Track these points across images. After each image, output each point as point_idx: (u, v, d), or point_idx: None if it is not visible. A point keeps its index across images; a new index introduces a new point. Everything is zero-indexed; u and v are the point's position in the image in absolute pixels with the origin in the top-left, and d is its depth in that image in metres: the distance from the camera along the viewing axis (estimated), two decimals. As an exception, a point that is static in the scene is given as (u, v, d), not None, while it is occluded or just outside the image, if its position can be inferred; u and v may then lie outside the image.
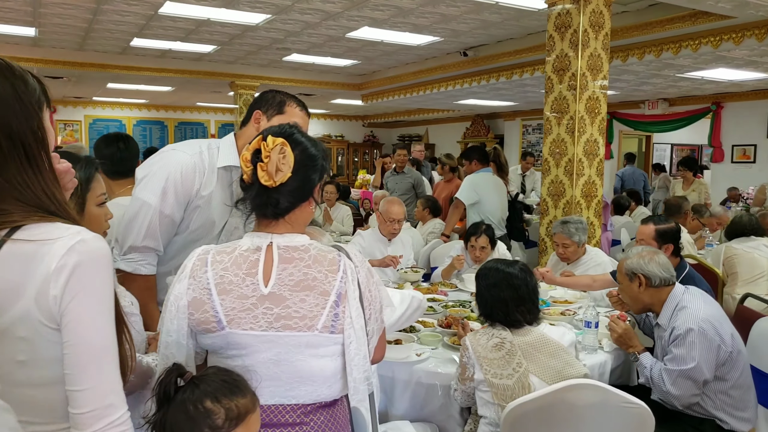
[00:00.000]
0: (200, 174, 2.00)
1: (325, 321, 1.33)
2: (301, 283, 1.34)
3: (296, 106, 2.11)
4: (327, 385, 1.37)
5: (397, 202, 4.04)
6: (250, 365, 1.33)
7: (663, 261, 2.51)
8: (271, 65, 9.76)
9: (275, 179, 1.34)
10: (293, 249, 1.37)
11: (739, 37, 5.80)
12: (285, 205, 1.38)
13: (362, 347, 1.36)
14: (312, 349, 1.34)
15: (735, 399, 2.36)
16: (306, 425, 1.35)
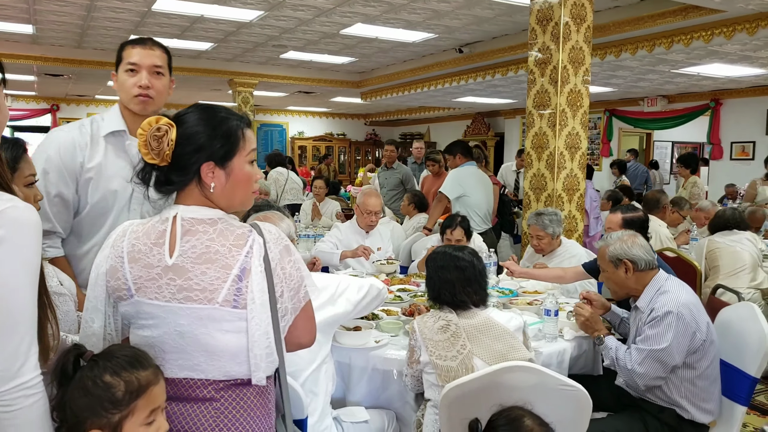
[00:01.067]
0: (81, 147, 2.03)
1: (226, 295, 1.33)
2: (203, 255, 1.35)
3: (131, 46, 2.08)
4: (237, 362, 1.36)
5: (374, 195, 4.06)
6: (158, 336, 1.36)
7: (644, 243, 2.50)
8: (269, 63, 9.81)
9: (159, 159, 1.36)
10: (198, 221, 1.38)
11: (729, 31, 5.78)
12: (173, 182, 1.40)
13: (263, 324, 1.35)
14: (215, 323, 1.34)
15: (700, 389, 2.34)
16: (217, 401, 1.35)
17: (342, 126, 17.40)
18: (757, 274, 4.10)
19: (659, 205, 4.53)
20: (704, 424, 2.36)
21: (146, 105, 2.06)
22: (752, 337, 2.35)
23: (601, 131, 11.80)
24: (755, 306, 2.44)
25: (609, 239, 2.55)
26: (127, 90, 2.05)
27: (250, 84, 10.15)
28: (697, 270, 3.82)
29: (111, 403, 1.17)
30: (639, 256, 2.43)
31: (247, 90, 10.20)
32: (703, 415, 2.35)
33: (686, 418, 2.34)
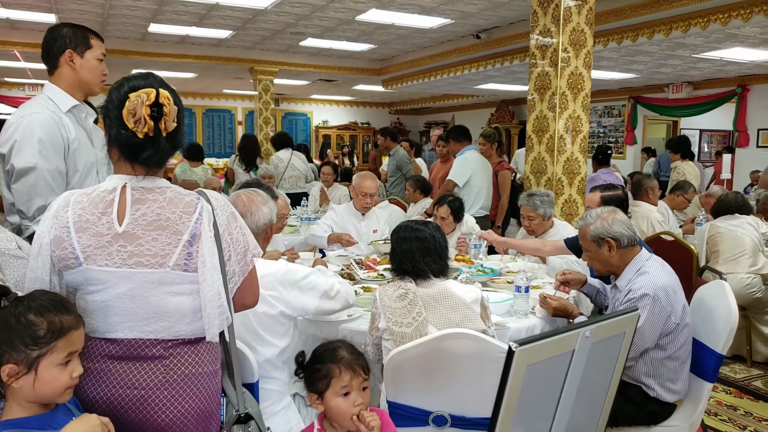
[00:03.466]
0: (58, 123, 2.22)
1: (177, 259, 1.42)
2: (154, 222, 1.43)
3: (97, 39, 2.35)
4: (186, 322, 1.46)
5: (369, 177, 4.12)
6: (107, 300, 1.43)
7: (624, 219, 2.48)
8: (289, 50, 9.93)
9: (169, 129, 1.45)
10: (148, 191, 1.46)
11: (747, 13, 5.62)
12: (170, 153, 1.49)
13: (215, 284, 1.44)
14: (166, 286, 1.43)
15: (669, 369, 2.34)
16: (166, 359, 1.44)
17: (366, 115, 17.47)
18: (757, 259, 4.03)
19: (642, 189, 4.47)
20: (670, 402, 2.37)
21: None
22: (720, 314, 2.34)
23: (625, 119, 11.59)
24: (725, 284, 2.43)
25: (588, 218, 2.53)
26: (98, 74, 2.34)
27: (270, 72, 10.28)
28: (694, 253, 3.77)
29: (32, 339, 1.23)
30: (621, 233, 2.42)
31: (268, 78, 10.34)
32: (669, 394, 2.35)
33: (652, 396, 2.35)
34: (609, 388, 1.13)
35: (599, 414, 1.14)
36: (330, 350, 1.75)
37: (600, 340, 1.06)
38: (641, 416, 2.37)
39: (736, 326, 2.30)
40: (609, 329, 1.08)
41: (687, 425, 2.38)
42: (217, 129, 15.52)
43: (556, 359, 0.97)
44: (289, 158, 6.84)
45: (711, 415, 3.44)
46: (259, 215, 2.16)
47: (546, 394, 0.99)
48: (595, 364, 1.07)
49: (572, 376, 1.01)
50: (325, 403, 1.70)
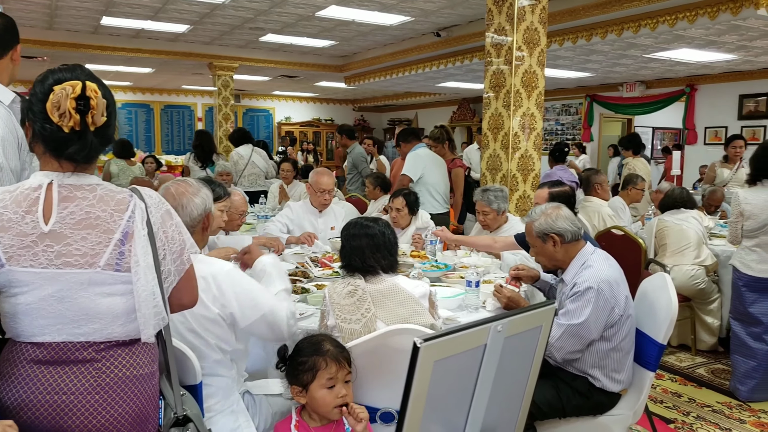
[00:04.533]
0: (6, 118, 2.09)
1: (108, 259, 1.38)
2: (83, 221, 1.38)
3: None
4: (119, 324, 1.41)
5: (326, 173, 4.11)
6: (33, 302, 1.36)
7: (568, 214, 2.53)
8: (249, 46, 9.82)
9: (97, 124, 1.42)
10: (77, 188, 1.41)
11: (692, 15, 5.82)
12: (99, 149, 1.45)
13: (150, 284, 1.41)
14: (96, 287, 1.38)
15: (613, 360, 2.41)
16: (98, 362, 1.39)
17: (330, 111, 17.41)
18: (701, 251, 4.19)
19: (591, 184, 4.60)
20: (615, 392, 2.45)
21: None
22: (662, 305, 2.43)
23: (582, 117, 11.85)
24: (667, 276, 2.51)
25: (533, 214, 2.59)
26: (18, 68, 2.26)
27: (230, 68, 10.15)
28: (642, 247, 3.90)
29: None
30: (565, 228, 2.47)
31: (228, 74, 10.21)
32: (614, 384, 2.43)
33: (597, 386, 2.42)
34: (527, 382, 1.16)
35: (518, 408, 1.17)
36: (315, 343, 1.76)
37: (514, 335, 1.08)
38: (588, 407, 2.44)
39: (676, 317, 2.39)
40: (523, 323, 1.11)
41: (631, 413, 2.46)
42: (176, 125, 15.23)
43: (466, 354, 0.99)
44: (249, 155, 6.74)
45: (657, 402, 3.56)
46: (192, 207, 2.05)
47: (459, 389, 1.01)
48: (510, 358, 1.09)
49: (486, 371, 1.02)
50: (309, 395, 1.72)
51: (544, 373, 2.54)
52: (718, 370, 4.07)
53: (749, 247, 3.57)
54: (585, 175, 4.76)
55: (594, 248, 2.53)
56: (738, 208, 3.60)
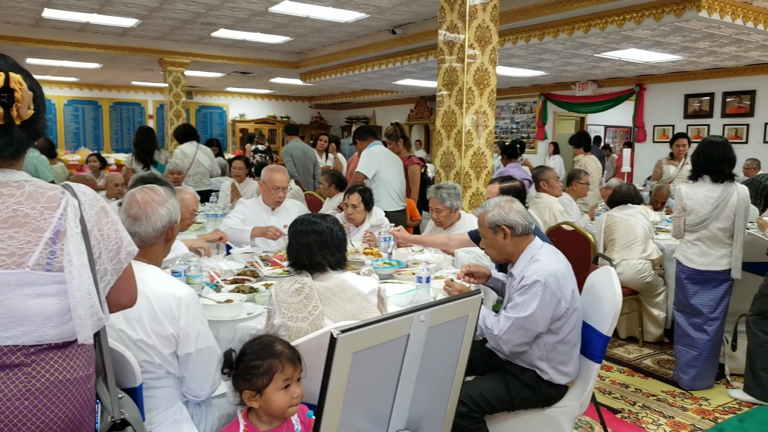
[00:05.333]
0: None
1: (38, 258, 1.32)
2: (10, 219, 1.31)
3: None
4: (51, 326, 1.35)
5: (280, 170, 4.05)
6: None
7: (521, 208, 2.56)
8: (201, 41, 9.62)
9: (23, 117, 1.34)
10: (3, 184, 1.34)
11: (639, 16, 5.98)
12: (27, 143, 1.37)
13: (84, 284, 1.35)
14: (26, 288, 1.32)
15: (560, 353, 2.44)
16: (28, 366, 1.33)
17: (286, 108, 17.23)
18: (647, 246, 4.30)
19: (540, 181, 4.69)
20: (562, 384, 2.49)
21: None
22: (607, 298, 2.47)
23: (536, 115, 12.06)
24: (612, 270, 2.57)
25: (487, 206, 2.61)
26: None
27: (181, 63, 9.92)
28: (591, 242, 3.98)
29: None
30: (516, 221, 2.49)
31: (179, 70, 9.98)
32: (561, 376, 2.46)
33: (545, 379, 2.45)
34: (455, 372, 1.15)
35: (447, 399, 1.16)
36: (266, 345, 1.71)
37: (439, 324, 1.07)
38: (536, 399, 2.47)
39: (620, 309, 2.44)
40: (448, 313, 1.10)
41: (577, 404, 2.51)
42: (126, 123, 14.80)
43: (388, 345, 0.97)
44: (194, 153, 6.54)
45: (606, 393, 3.64)
46: (156, 218, 1.97)
47: (382, 381, 0.99)
48: (436, 348, 1.08)
49: (409, 362, 1.01)
50: (264, 398, 1.67)
51: (493, 366, 2.59)
52: (664, 360, 4.19)
53: (691, 241, 3.69)
54: (535, 172, 4.84)
55: (542, 243, 2.57)
56: (681, 204, 3.71)
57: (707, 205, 3.59)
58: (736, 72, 8.83)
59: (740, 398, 3.57)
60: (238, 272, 3.03)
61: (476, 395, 2.41)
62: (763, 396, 3.50)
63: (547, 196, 4.68)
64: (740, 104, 8.94)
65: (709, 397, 3.61)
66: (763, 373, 3.49)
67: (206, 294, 2.63)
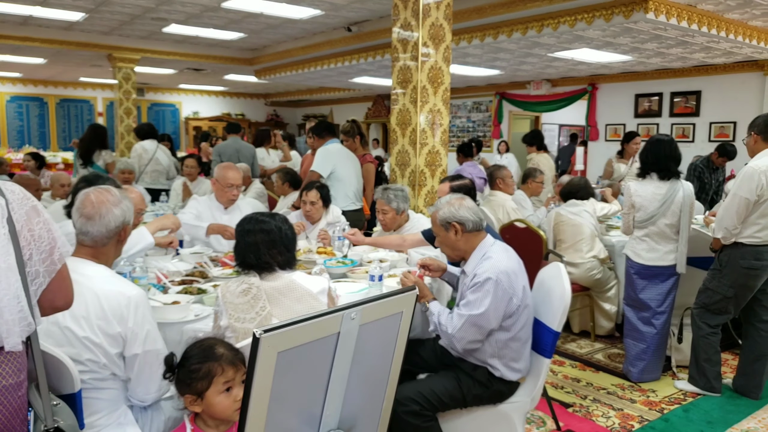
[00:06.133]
0: None
1: None
2: None
3: None
4: None
5: (233, 168, 3.96)
6: None
7: (471, 205, 2.56)
8: (151, 37, 9.36)
9: None
10: None
11: (590, 17, 6.10)
12: None
13: (12, 287, 1.29)
14: None
15: (512, 350, 2.46)
16: None
17: (241, 106, 16.96)
18: (594, 245, 4.39)
19: (494, 179, 4.74)
20: (513, 380, 2.50)
21: None
22: (556, 293, 2.50)
23: (492, 114, 12.20)
24: (561, 265, 2.59)
25: (439, 204, 2.61)
26: None
27: (131, 60, 9.64)
28: (543, 239, 4.03)
29: None
30: (467, 218, 2.50)
31: (129, 66, 9.69)
32: (513, 373, 2.48)
33: (497, 375, 2.46)
34: (390, 369, 1.13)
35: (382, 397, 1.15)
36: (206, 348, 1.68)
37: (372, 322, 1.05)
38: (488, 396, 2.48)
39: (569, 305, 2.47)
40: (381, 310, 1.08)
41: (529, 400, 2.53)
42: (74, 120, 14.29)
43: (317, 344, 0.95)
44: (154, 150, 6.41)
45: (558, 388, 3.70)
46: (110, 218, 1.94)
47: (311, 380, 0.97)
48: (369, 346, 1.06)
49: (340, 361, 0.99)
50: (205, 402, 1.64)
51: (446, 364, 2.59)
52: (614, 354, 4.29)
53: (639, 237, 3.78)
54: (489, 171, 4.89)
55: (494, 240, 2.58)
56: (630, 200, 3.79)
57: (655, 202, 3.69)
58: (683, 73, 9.12)
59: (685, 389, 3.68)
60: (186, 273, 2.95)
61: (428, 393, 2.40)
62: (706, 386, 3.61)
63: (501, 193, 4.73)
64: (687, 104, 9.23)
65: (656, 389, 3.71)
66: (706, 365, 3.60)
67: (153, 295, 2.55)
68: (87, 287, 1.78)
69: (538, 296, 2.64)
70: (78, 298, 1.59)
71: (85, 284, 1.78)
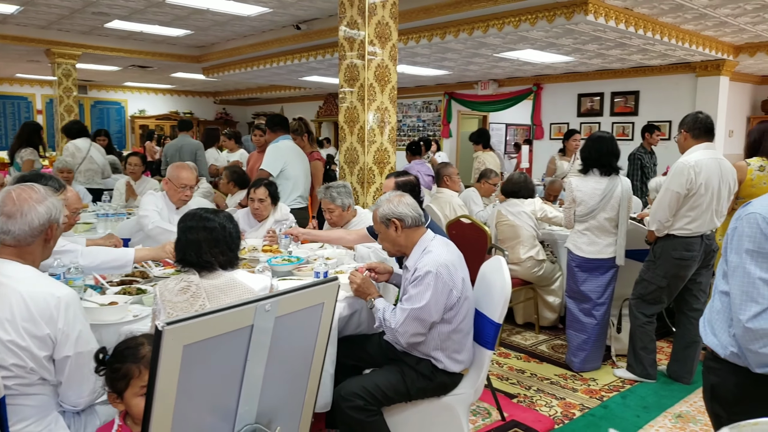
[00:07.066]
0: None
1: None
2: None
3: None
4: None
5: (186, 167, 3.87)
6: None
7: (411, 201, 2.60)
8: (93, 32, 9.05)
9: None
10: None
11: (533, 18, 6.25)
12: None
13: None
14: None
15: (454, 342, 2.51)
16: None
17: (189, 104, 16.60)
18: (533, 246, 4.50)
19: (441, 177, 4.82)
20: (457, 372, 2.55)
21: None
22: (497, 286, 2.57)
23: (441, 113, 12.34)
24: (502, 259, 2.66)
25: (379, 202, 2.64)
26: None
27: (72, 55, 9.30)
28: (487, 234, 4.12)
29: None
30: (405, 214, 2.54)
31: (69, 62, 9.34)
32: (455, 364, 2.53)
33: (440, 368, 2.51)
34: (312, 361, 1.14)
35: (304, 389, 1.16)
36: (132, 348, 1.64)
37: (289, 314, 1.06)
38: (431, 388, 2.52)
39: (509, 297, 2.54)
40: (299, 301, 1.09)
41: (472, 391, 2.58)
42: (10, 118, 13.67)
43: (228, 337, 0.95)
44: (87, 148, 6.19)
45: (503, 380, 3.79)
46: (32, 216, 1.86)
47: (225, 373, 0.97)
48: (288, 338, 1.07)
49: (256, 353, 0.99)
50: (125, 402, 1.61)
51: (390, 359, 2.61)
52: (558, 345, 4.41)
53: (580, 231, 3.91)
54: (436, 169, 4.95)
55: (434, 235, 2.62)
56: (571, 195, 3.91)
57: (595, 197, 3.82)
58: (622, 74, 9.45)
59: (624, 377, 3.83)
60: (125, 273, 2.87)
61: (372, 387, 2.42)
62: (643, 374, 3.77)
63: (448, 191, 4.80)
64: (626, 104, 9.57)
65: (597, 378, 3.84)
66: (643, 353, 3.75)
67: (89, 297, 2.48)
68: (11, 288, 1.72)
69: (480, 289, 2.70)
70: (1, 300, 1.53)
71: (9, 285, 1.72)
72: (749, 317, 1.62)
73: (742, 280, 1.65)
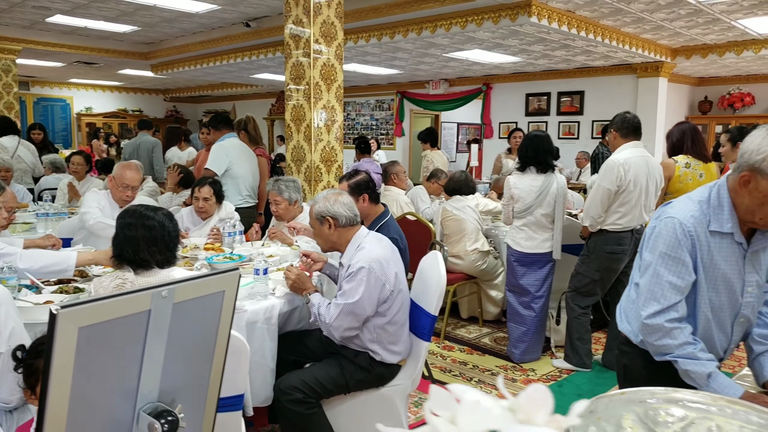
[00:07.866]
0: None
1: None
2: None
3: None
4: None
5: (132, 168, 3.81)
6: None
7: (347, 201, 2.66)
8: (34, 27, 8.77)
9: None
10: None
11: (479, 19, 6.40)
12: None
13: None
14: None
15: (390, 334, 2.58)
16: None
17: (138, 102, 16.23)
18: (478, 238, 4.63)
19: (389, 175, 4.91)
20: (394, 363, 2.63)
21: None
22: (433, 280, 2.65)
23: (394, 112, 12.45)
24: (438, 254, 2.75)
25: (317, 198, 2.70)
26: None
27: (11, 50, 8.98)
28: (432, 230, 4.22)
29: None
30: (340, 213, 2.61)
31: (9, 57, 9.02)
32: (392, 356, 2.60)
33: (377, 359, 2.58)
34: (215, 346, 1.20)
35: (208, 372, 1.21)
36: (42, 344, 1.62)
37: (187, 300, 1.11)
38: (369, 380, 2.59)
39: (444, 290, 2.63)
40: (198, 289, 1.14)
41: (409, 382, 2.66)
42: (-54, 115, 13.13)
43: (125, 321, 0.99)
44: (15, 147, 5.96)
45: (446, 372, 3.89)
46: None
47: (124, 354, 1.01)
48: (187, 323, 1.12)
49: (154, 338, 1.04)
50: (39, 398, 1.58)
51: (329, 352, 2.67)
52: (500, 338, 4.56)
53: (519, 227, 4.04)
54: (384, 167, 5.03)
55: (368, 231, 2.70)
56: (509, 192, 4.05)
57: (532, 194, 3.96)
58: (568, 74, 9.74)
59: (561, 366, 3.99)
60: (63, 273, 2.83)
61: (311, 380, 2.47)
62: (579, 363, 3.93)
63: (395, 188, 4.88)
64: (572, 104, 9.88)
65: (536, 368, 3.99)
66: (578, 343, 3.92)
67: (24, 296, 2.45)
68: None
69: (419, 283, 2.78)
70: None
71: None
72: (648, 314, 1.75)
73: (652, 280, 1.77)
